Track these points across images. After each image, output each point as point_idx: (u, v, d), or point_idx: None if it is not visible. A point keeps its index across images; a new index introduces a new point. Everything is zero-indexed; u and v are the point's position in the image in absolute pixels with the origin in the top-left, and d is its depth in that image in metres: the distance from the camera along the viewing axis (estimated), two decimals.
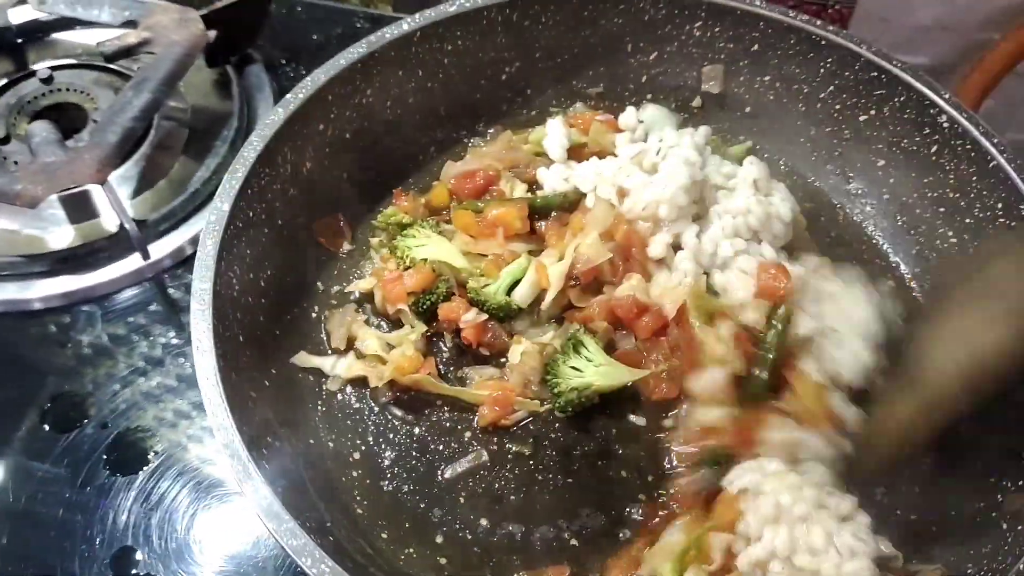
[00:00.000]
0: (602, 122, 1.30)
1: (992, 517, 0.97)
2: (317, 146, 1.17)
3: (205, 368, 0.92)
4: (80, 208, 1.31)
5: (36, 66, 1.49)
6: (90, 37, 1.54)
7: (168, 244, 1.29)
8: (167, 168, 1.38)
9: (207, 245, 1.00)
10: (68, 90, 1.43)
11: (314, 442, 1.06)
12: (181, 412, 1.16)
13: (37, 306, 1.25)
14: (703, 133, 1.25)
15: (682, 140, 1.20)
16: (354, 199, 1.24)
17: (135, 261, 1.27)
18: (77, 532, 1.06)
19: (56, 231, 1.31)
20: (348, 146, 1.21)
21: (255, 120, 1.45)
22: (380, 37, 1.18)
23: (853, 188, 1.27)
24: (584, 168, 1.23)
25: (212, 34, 1.40)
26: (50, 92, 1.43)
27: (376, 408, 1.10)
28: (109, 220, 1.31)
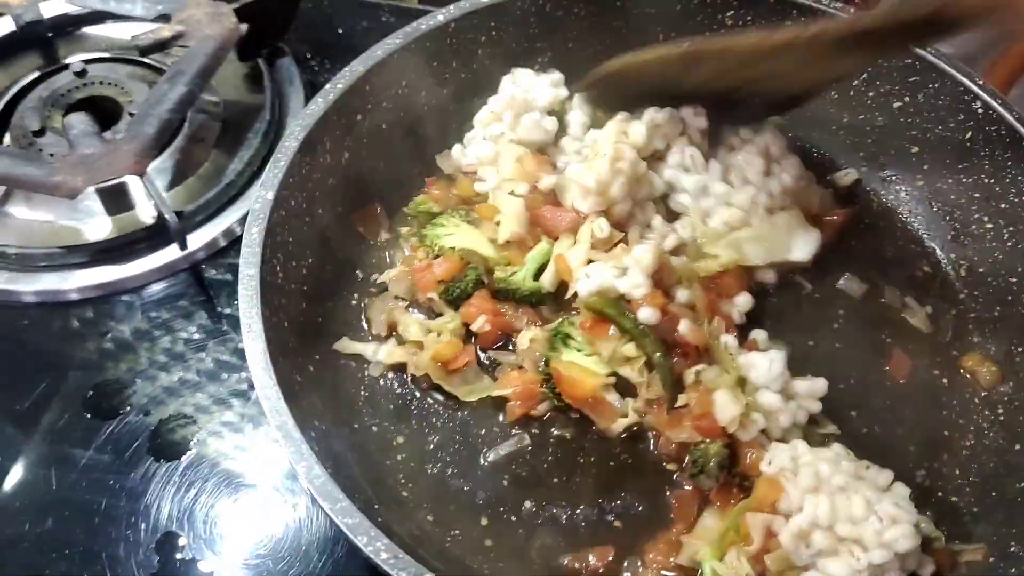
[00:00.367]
0: None
1: None
2: (355, 136, 1.18)
3: (255, 352, 0.93)
4: (117, 200, 1.32)
5: (68, 59, 1.50)
6: (119, 31, 1.55)
7: (203, 235, 1.30)
8: (200, 161, 1.39)
9: (252, 232, 1.01)
10: (101, 83, 1.44)
11: (358, 426, 1.07)
12: (219, 399, 1.17)
13: (75, 296, 1.26)
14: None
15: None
16: (390, 188, 1.24)
17: (171, 252, 1.28)
18: (121, 518, 1.07)
19: (91, 222, 1.32)
20: (384, 136, 1.22)
21: (287, 113, 1.46)
22: (416, 28, 1.20)
23: (887, 175, 1.27)
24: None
25: (244, 27, 1.41)
26: (83, 85, 1.43)
27: (418, 393, 1.11)
28: (145, 211, 1.32)
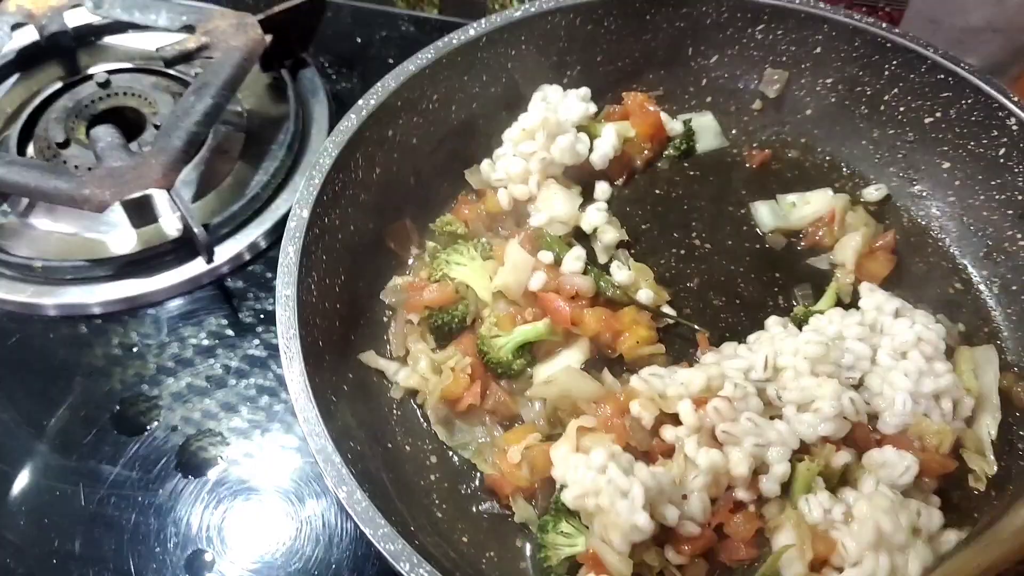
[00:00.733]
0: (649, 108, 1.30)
1: None
2: (386, 151, 1.17)
3: (294, 374, 0.92)
4: (142, 212, 1.32)
5: (92, 70, 1.49)
6: (142, 41, 1.54)
7: (228, 249, 1.29)
8: (225, 172, 1.39)
9: (288, 252, 1.00)
10: (125, 94, 1.43)
11: (391, 446, 1.06)
12: (247, 416, 1.16)
13: (99, 310, 1.25)
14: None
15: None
16: (421, 204, 1.24)
17: (196, 266, 1.28)
18: (150, 535, 1.06)
19: (116, 234, 1.31)
20: (415, 151, 1.21)
21: (311, 124, 1.45)
22: (447, 43, 1.19)
23: (918, 190, 1.26)
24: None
25: (269, 38, 1.40)
26: (107, 96, 1.42)
27: None
28: (169, 224, 1.31)
